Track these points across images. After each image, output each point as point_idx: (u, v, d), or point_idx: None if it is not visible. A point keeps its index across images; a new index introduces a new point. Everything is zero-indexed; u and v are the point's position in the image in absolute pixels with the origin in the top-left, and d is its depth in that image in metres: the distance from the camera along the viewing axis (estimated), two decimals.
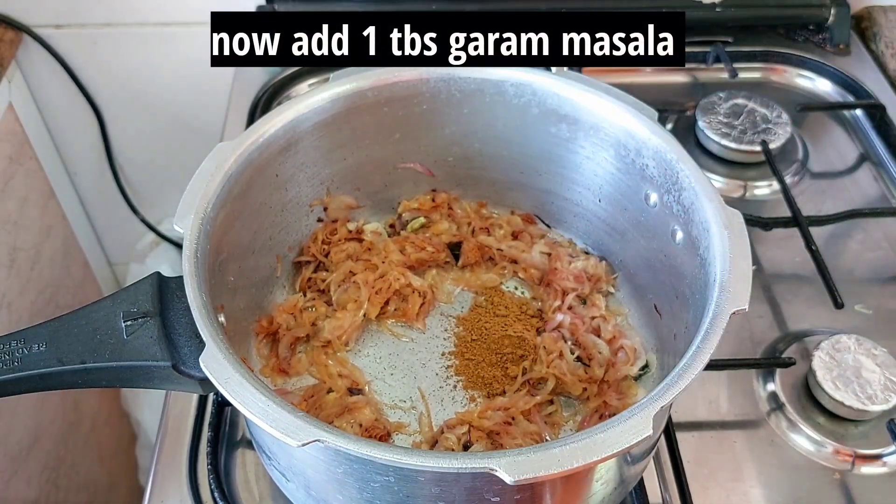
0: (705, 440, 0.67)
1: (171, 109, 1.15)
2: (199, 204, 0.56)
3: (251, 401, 0.46)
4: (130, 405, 1.25)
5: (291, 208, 0.69)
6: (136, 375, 0.53)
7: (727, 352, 0.72)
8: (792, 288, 0.79)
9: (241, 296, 0.64)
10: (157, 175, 1.23)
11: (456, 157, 0.74)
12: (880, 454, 0.66)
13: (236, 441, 0.67)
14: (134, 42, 1.07)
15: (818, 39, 1.05)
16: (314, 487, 0.54)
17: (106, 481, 1.29)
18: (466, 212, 0.77)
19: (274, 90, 0.96)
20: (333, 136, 0.68)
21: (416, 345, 0.70)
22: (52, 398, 1.12)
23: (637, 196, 0.66)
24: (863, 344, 0.69)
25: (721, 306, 0.51)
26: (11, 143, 1.05)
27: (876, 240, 0.84)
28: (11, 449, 1.01)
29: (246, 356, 0.66)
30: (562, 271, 0.71)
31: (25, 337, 0.53)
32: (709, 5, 1.00)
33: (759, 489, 0.64)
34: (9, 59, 1.02)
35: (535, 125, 0.68)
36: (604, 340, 0.68)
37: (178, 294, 0.54)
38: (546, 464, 0.43)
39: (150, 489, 0.64)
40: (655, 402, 0.46)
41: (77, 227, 1.24)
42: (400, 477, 0.47)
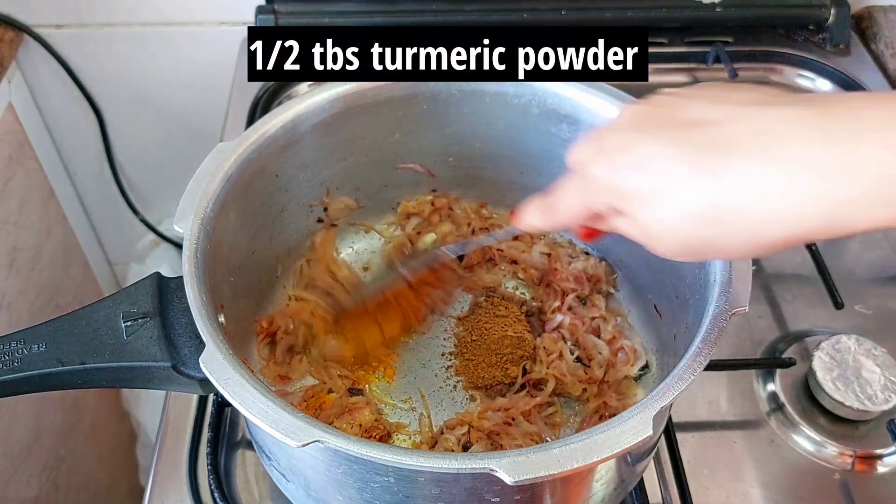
0: (705, 440, 0.67)
1: (171, 109, 1.15)
2: (199, 204, 0.56)
3: (251, 401, 0.46)
4: (130, 405, 1.25)
5: (291, 208, 0.69)
6: (136, 376, 0.53)
7: (727, 352, 0.73)
8: (792, 288, 0.79)
9: (241, 296, 0.64)
10: (157, 175, 1.23)
11: (456, 157, 0.74)
12: (880, 454, 0.66)
13: (236, 441, 0.67)
14: (134, 42, 1.07)
15: (818, 39, 1.05)
16: (314, 488, 0.54)
17: (106, 481, 1.29)
18: (466, 212, 0.77)
19: (274, 90, 0.96)
20: (333, 136, 0.68)
21: (416, 345, 0.70)
22: (52, 398, 1.12)
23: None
24: (863, 344, 0.69)
25: (721, 306, 0.51)
26: (11, 143, 1.05)
27: (876, 240, 0.84)
28: (11, 449, 1.01)
29: (246, 356, 0.66)
30: (562, 272, 0.71)
31: (25, 337, 0.52)
32: (709, 5, 1.00)
33: (759, 489, 0.64)
34: (9, 59, 1.02)
35: (535, 125, 0.68)
36: (604, 341, 0.68)
37: (178, 294, 0.54)
38: (546, 464, 0.43)
39: (150, 489, 0.64)
40: (655, 403, 0.46)
41: (77, 227, 1.24)
42: (399, 477, 0.47)
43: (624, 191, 0.41)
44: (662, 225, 0.40)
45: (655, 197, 0.40)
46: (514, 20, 0.97)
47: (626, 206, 0.42)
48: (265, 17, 0.96)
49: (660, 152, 0.40)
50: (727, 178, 0.37)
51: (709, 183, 0.38)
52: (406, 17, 0.97)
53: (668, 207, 0.39)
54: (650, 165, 0.40)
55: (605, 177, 0.42)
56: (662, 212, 0.40)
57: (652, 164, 0.40)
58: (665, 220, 0.40)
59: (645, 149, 0.40)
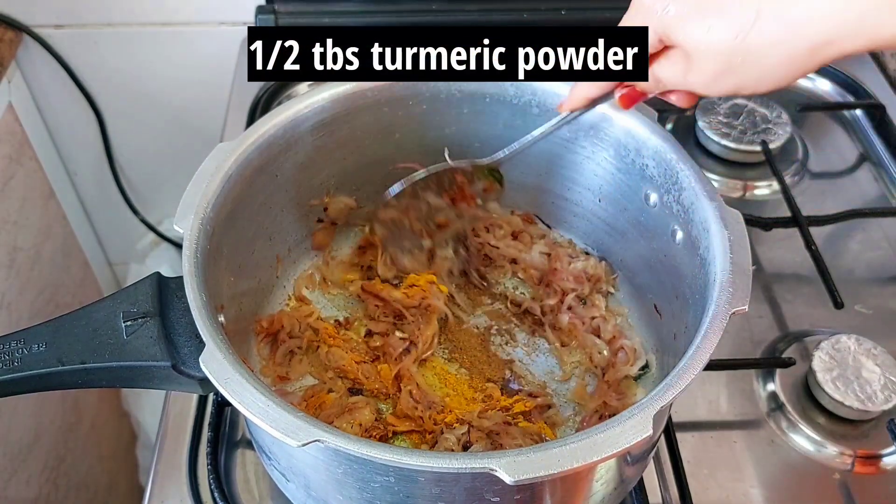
0: (705, 440, 0.67)
1: (171, 109, 1.15)
2: (199, 204, 0.56)
3: (251, 401, 0.46)
4: (130, 405, 1.25)
5: (291, 208, 0.69)
6: (136, 375, 0.53)
7: (727, 352, 0.73)
8: (792, 288, 0.79)
9: (241, 296, 0.64)
10: (157, 175, 1.23)
11: (456, 157, 0.74)
12: (880, 454, 0.66)
13: (236, 441, 0.67)
14: (134, 42, 1.07)
15: None
16: (314, 487, 0.54)
17: (106, 481, 1.29)
18: None
19: (274, 90, 0.96)
20: (333, 136, 0.68)
21: None
22: (52, 398, 1.12)
23: (637, 196, 0.66)
24: (863, 344, 0.69)
25: (721, 306, 0.51)
26: (11, 143, 1.05)
27: (876, 240, 0.84)
28: (11, 448, 1.01)
29: (246, 356, 0.66)
30: (561, 271, 0.71)
31: (25, 337, 0.52)
32: None
33: (759, 489, 0.64)
34: (9, 59, 1.02)
35: (535, 125, 0.68)
36: (604, 340, 0.68)
37: (178, 294, 0.54)
38: (546, 464, 0.43)
39: (150, 489, 0.64)
40: (655, 402, 0.46)
41: (77, 227, 1.24)
42: (400, 477, 0.47)
43: (676, 13, 0.46)
44: (705, 41, 0.45)
45: (704, 14, 0.44)
46: (514, 20, 0.97)
47: (677, 29, 0.46)
48: (265, 17, 0.96)
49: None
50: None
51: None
52: (406, 17, 0.97)
53: (715, 20, 0.44)
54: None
55: (659, 5, 0.47)
56: (708, 25, 0.44)
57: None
58: (710, 34, 0.44)
59: None
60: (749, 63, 0.44)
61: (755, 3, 0.43)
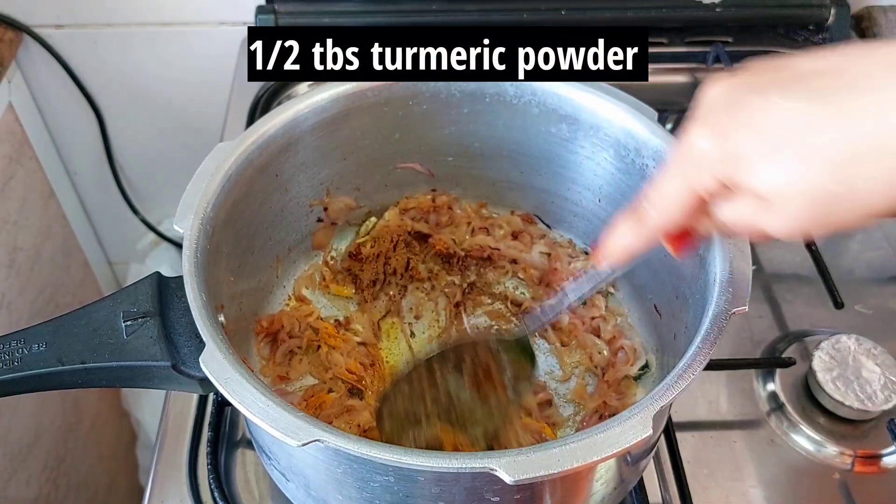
0: (705, 440, 0.67)
1: (171, 109, 1.15)
2: (199, 204, 0.56)
3: (251, 401, 0.46)
4: (130, 405, 1.25)
5: (291, 208, 0.69)
6: (136, 375, 0.53)
7: (727, 352, 0.73)
8: (792, 288, 0.79)
9: (241, 296, 0.64)
10: (157, 175, 1.23)
11: (456, 157, 0.74)
12: (880, 454, 0.66)
13: (236, 441, 0.67)
14: (134, 42, 1.07)
15: (818, 39, 1.05)
16: (314, 487, 0.54)
17: (106, 481, 1.29)
18: (466, 211, 0.77)
19: (274, 90, 0.96)
20: (333, 136, 0.68)
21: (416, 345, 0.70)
22: (52, 398, 1.12)
23: (637, 196, 0.66)
24: (863, 344, 0.69)
25: (721, 306, 0.51)
26: (11, 143, 1.05)
27: (876, 240, 0.84)
28: (11, 448, 1.01)
29: (246, 356, 0.66)
30: (561, 271, 0.71)
31: (25, 337, 0.52)
32: (709, 5, 1.00)
33: (759, 489, 0.64)
34: (9, 59, 1.02)
35: (535, 125, 0.68)
36: (604, 341, 0.68)
37: (178, 294, 0.54)
38: (546, 464, 0.43)
39: (150, 489, 0.64)
40: (655, 402, 0.46)
41: (77, 227, 1.24)
42: (400, 477, 0.47)
43: (741, 153, 0.36)
44: (789, 183, 0.35)
45: (780, 149, 0.35)
46: (514, 20, 0.97)
47: (744, 172, 0.36)
48: (265, 17, 0.96)
49: (777, 105, 0.35)
50: (866, 114, 0.33)
51: (843, 122, 0.33)
52: (406, 17, 0.97)
53: (798, 158, 0.34)
54: (769, 120, 0.35)
55: (715, 145, 0.37)
56: (790, 165, 0.34)
57: (771, 119, 0.35)
58: (793, 176, 0.34)
59: (758, 105, 0.36)
60: (850, 202, 0.34)
61: (852, 131, 0.34)
